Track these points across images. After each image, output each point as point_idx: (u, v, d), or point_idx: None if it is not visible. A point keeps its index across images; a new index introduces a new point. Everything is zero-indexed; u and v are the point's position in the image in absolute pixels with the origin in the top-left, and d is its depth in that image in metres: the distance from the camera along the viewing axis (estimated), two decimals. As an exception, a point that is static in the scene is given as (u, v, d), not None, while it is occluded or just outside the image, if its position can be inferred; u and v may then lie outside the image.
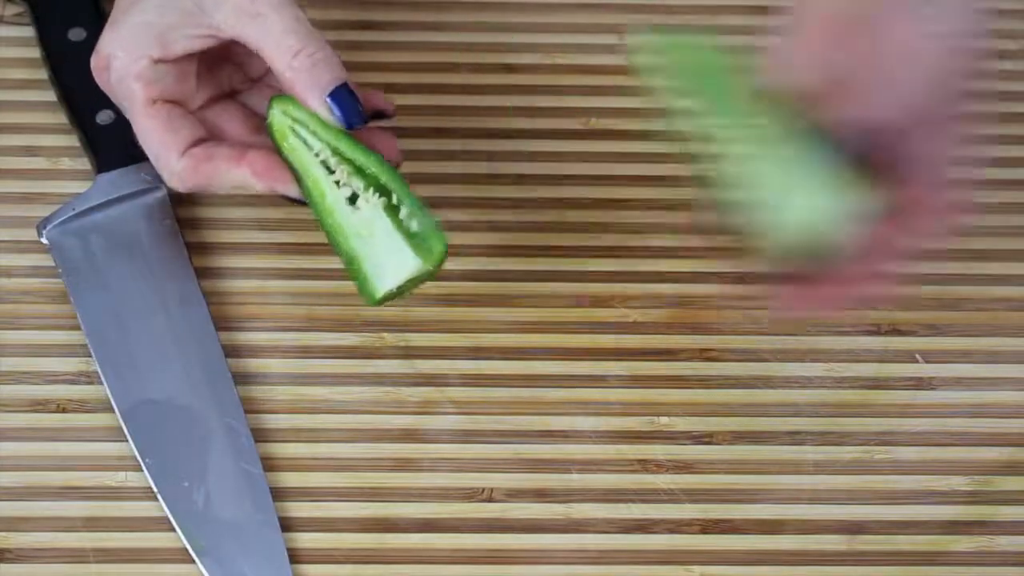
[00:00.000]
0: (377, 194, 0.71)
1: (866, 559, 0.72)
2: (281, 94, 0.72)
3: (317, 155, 0.71)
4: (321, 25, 0.88)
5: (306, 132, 0.71)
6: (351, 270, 0.71)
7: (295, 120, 0.72)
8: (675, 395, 0.76)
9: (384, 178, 0.71)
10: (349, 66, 0.87)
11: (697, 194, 0.69)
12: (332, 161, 0.71)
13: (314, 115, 0.71)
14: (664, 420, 0.75)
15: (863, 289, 0.68)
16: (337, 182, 0.71)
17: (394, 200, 0.71)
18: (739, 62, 0.67)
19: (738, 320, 0.78)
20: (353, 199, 0.71)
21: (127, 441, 0.73)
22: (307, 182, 0.71)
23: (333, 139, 0.71)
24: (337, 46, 0.87)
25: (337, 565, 0.71)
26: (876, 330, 0.78)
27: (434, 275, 0.71)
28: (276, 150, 0.72)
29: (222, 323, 0.77)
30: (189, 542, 0.70)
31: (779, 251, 0.66)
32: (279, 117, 0.72)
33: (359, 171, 0.72)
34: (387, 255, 0.71)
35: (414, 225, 0.71)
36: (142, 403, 0.73)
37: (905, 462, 0.74)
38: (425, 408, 0.75)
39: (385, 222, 0.71)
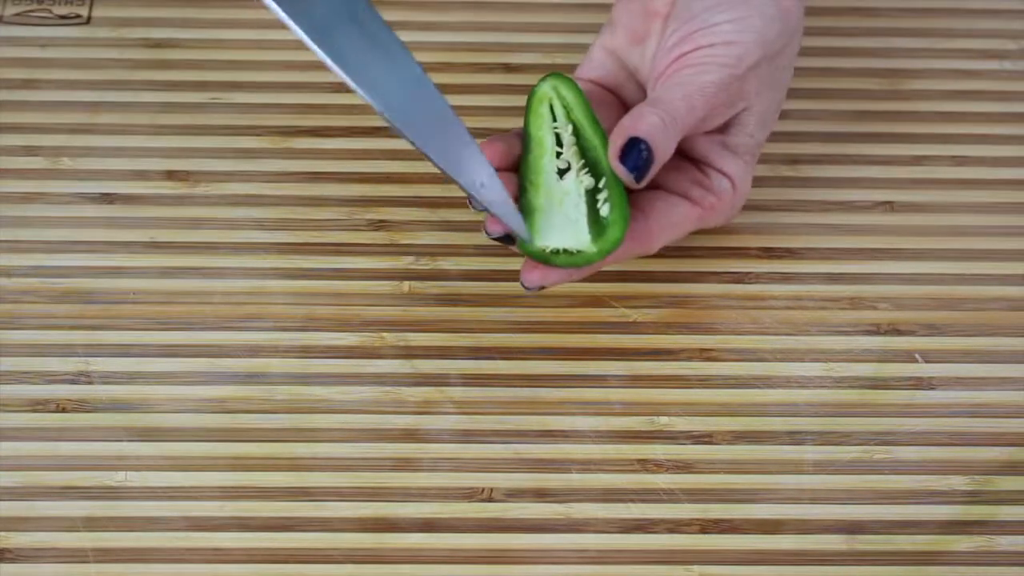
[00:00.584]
0: (588, 174, 0.74)
1: (866, 559, 0.72)
2: (560, 73, 0.76)
3: (555, 127, 0.75)
4: (321, 25, 0.88)
5: (561, 108, 0.76)
6: (522, 211, 0.74)
7: (559, 97, 0.76)
8: (675, 395, 0.76)
9: (604, 169, 0.74)
10: (349, 66, 0.87)
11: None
12: (566, 138, 0.75)
13: (578, 98, 0.75)
14: (664, 420, 0.75)
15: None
16: (559, 154, 0.75)
17: (599, 185, 0.74)
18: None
19: (738, 320, 0.78)
20: (562, 173, 0.75)
21: (127, 441, 0.73)
22: (532, 142, 0.75)
23: (582, 117, 0.75)
24: (337, 46, 0.88)
25: (337, 565, 0.71)
26: (876, 330, 0.78)
27: (595, 261, 0.73)
28: (525, 110, 0.76)
29: (222, 323, 0.77)
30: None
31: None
32: (546, 89, 0.76)
33: (583, 153, 0.75)
34: (564, 222, 0.74)
35: (603, 210, 0.73)
36: None
37: (905, 462, 0.74)
38: (425, 408, 0.75)
39: (579, 198, 0.74)
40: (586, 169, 0.75)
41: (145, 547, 0.71)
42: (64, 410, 0.75)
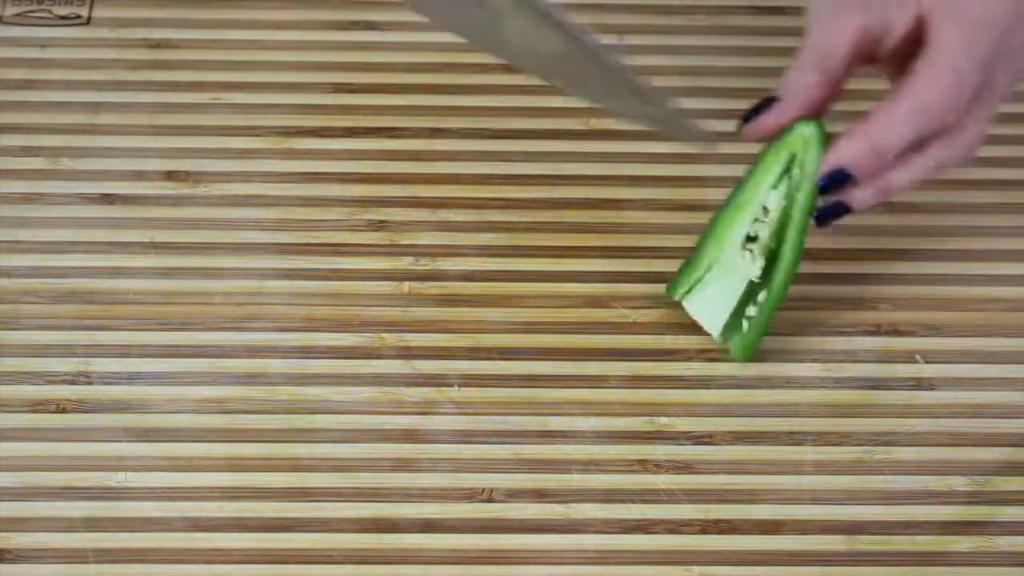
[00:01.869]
0: (762, 265, 0.74)
1: (866, 559, 0.72)
2: (820, 124, 0.73)
3: (777, 184, 0.74)
4: (322, 25, 0.89)
5: (797, 165, 0.73)
6: (689, 260, 0.76)
7: (801, 156, 0.73)
8: (675, 395, 0.76)
9: (783, 268, 0.74)
10: (349, 66, 0.87)
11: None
12: (774, 202, 0.74)
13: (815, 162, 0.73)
14: (664, 420, 0.75)
15: None
16: (756, 219, 0.74)
17: (762, 290, 0.74)
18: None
19: (738, 320, 0.78)
20: (750, 239, 0.74)
21: (127, 442, 0.73)
22: (747, 186, 0.74)
23: (803, 197, 0.73)
24: (337, 46, 0.88)
25: (337, 565, 0.71)
26: (876, 330, 0.78)
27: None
28: (771, 140, 0.74)
29: (222, 324, 0.77)
30: None
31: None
32: (798, 135, 0.73)
33: (777, 233, 0.74)
34: (714, 297, 0.75)
35: (745, 323, 0.75)
36: None
37: (905, 462, 0.74)
38: (425, 408, 0.75)
39: (740, 284, 0.75)
40: (763, 258, 0.74)
41: (145, 548, 0.71)
42: (64, 410, 0.75)
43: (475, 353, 0.77)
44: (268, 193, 0.82)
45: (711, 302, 0.76)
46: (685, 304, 0.76)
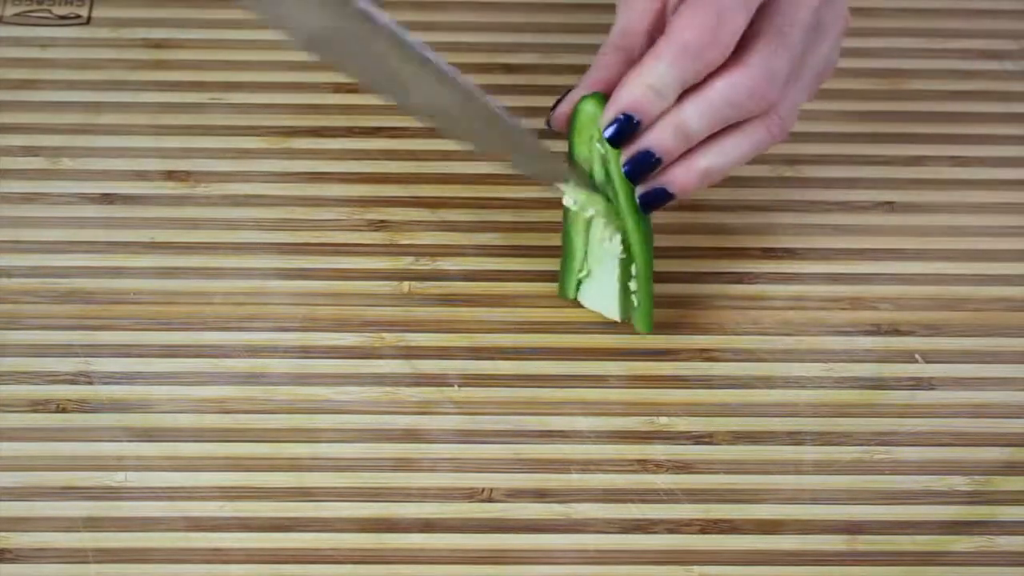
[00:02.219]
0: (621, 240, 0.74)
1: (866, 559, 0.72)
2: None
3: (593, 161, 0.74)
4: (321, 25, 0.88)
5: (598, 140, 0.73)
6: (563, 259, 0.76)
7: (594, 122, 0.73)
8: (675, 395, 0.76)
9: (634, 237, 0.74)
10: (349, 66, 0.87)
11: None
12: (599, 179, 0.74)
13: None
14: (664, 420, 0.75)
15: None
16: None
17: (631, 263, 0.75)
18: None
19: (738, 321, 0.78)
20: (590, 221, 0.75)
21: (127, 441, 0.73)
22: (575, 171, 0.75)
23: (615, 165, 0.73)
24: (337, 46, 0.88)
25: (337, 565, 0.71)
26: (876, 330, 0.78)
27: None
28: (568, 133, 0.74)
29: (222, 323, 0.77)
30: None
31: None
32: (585, 116, 0.73)
33: (614, 214, 0.74)
34: (599, 286, 0.76)
35: (634, 298, 0.75)
36: None
37: (905, 462, 0.74)
38: (425, 408, 0.75)
39: (612, 266, 0.75)
40: (618, 233, 0.74)
41: (145, 547, 0.71)
42: (64, 410, 0.75)
43: (475, 353, 0.77)
44: (268, 193, 0.82)
45: (599, 290, 0.76)
46: (580, 300, 0.77)
